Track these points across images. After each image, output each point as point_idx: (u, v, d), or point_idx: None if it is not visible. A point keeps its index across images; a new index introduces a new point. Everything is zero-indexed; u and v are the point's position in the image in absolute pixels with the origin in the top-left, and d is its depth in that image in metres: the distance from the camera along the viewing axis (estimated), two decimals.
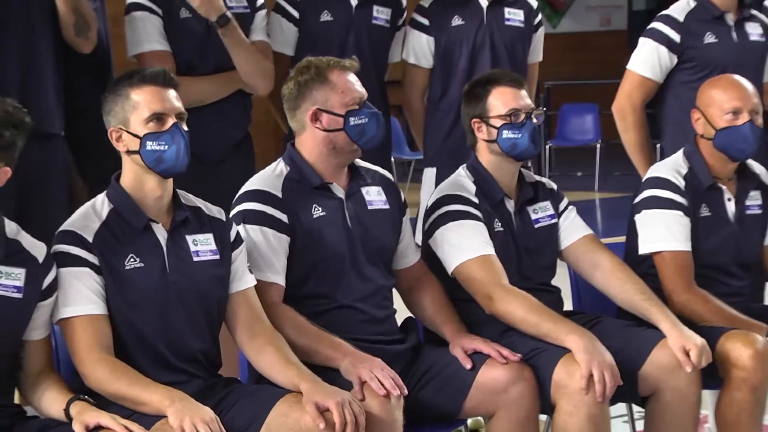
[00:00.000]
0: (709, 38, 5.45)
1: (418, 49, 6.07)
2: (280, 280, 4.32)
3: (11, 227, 3.90)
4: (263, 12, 5.73)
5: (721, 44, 5.44)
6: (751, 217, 5.01)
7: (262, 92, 5.53)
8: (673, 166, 4.99)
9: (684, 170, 4.95)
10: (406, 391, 4.07)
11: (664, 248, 4.86)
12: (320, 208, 4.42)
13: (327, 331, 4.25)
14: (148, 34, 5.50)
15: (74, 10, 5.01)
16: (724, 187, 4.97)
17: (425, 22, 6.05)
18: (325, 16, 5.88)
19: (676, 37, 5.48)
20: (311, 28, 5.87)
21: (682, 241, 4.86)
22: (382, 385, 4.01)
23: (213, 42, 5.49)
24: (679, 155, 5.03)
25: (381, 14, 5.96)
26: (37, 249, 3.94)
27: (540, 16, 6.21)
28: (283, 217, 4.34)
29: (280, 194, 4.38)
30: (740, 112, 4.84)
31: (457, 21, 6.01)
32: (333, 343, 4.22)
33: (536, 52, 6.22)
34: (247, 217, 4.30)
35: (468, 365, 4.35)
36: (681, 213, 4.87)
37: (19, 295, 3.85)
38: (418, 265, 4.66)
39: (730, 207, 4.97)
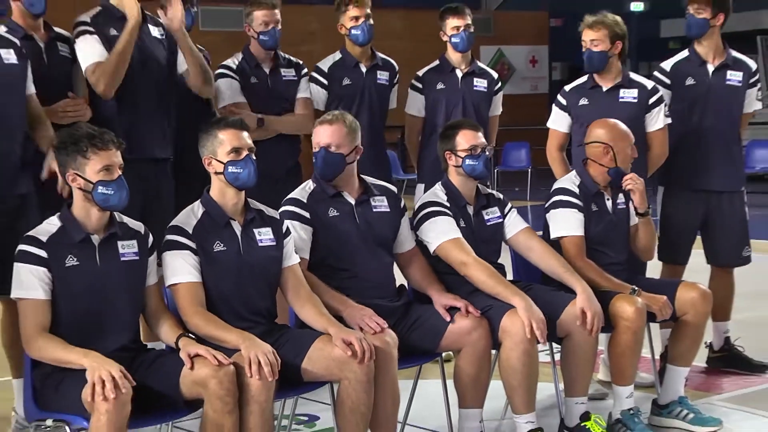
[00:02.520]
0: (582, 101, 5.41)
1: (416, 104, 6.08)
2: (305, 255, 4.30)
3: (118, 214, 3.90)
4: (306, 78, 5.73)
5: (590, 105, 5.38)
6: (621, 210, 4.99)
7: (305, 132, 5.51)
8: (569, 179, 4.98)
9: (577, 182, 4.94)
10: (386, 324, 4.11)
11: (566, 234, 4.85)
12: (334, 210, 4.39)
13: (337, 291, 4.26)
14: (231, 92, 5.52)
15: (201, 66, 5.08)
16: (605, 192, 4.96)
17: (420, 86, 6.07)
18: (346, 81, 5.85)
19: (563, 101, 5.47)
20: (336, 91, 5.84)
21: (577, 229, 4.84)
22: (371, 327, 4.06)
23: (272, 97, 5.56)
24: (572, 173, 5.04)
25: (383, 75, 5.94)
26: (138, 225, 3.96)
27: (499, 84, 6.20)
28: (306, 215, 4.34)
29: (305, 200, 4.38)
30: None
31: (440, 86, 6.02)
32: (340, 299, 4.23)
33: (496, 108, 6.20)
34: (283, 215, 4.29)
35: (447, 318, 4.35)
36: (576, 210, 4.86)
37: (137, 258, 3.88)
38: (413, 250, 4.61)
39: (609, 205, 4.95)
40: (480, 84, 6.06)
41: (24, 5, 4.76)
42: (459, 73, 6.03)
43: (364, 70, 5.88)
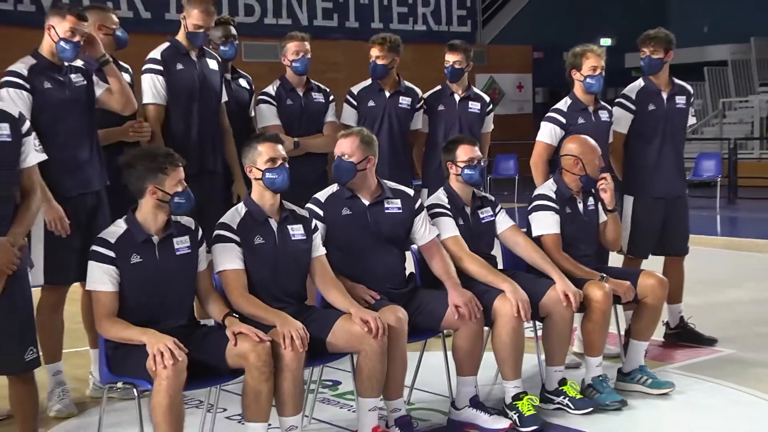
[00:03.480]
0: (580, 120, 5.38)
1: (422, 122, 6.03)
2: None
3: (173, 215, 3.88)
4: (333, 103, 5.70)
5: (586, 124, 5.35)
6: (590, 212, 4.95)
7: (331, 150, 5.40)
8: (548, 186, 4.94)
9: (554, 188, 4.90)
10: (377, 296, 4.15)
11: (544, 232, 4.82)
12: (348, 210, 4.33)
13: (351, 279, 4.21)
14: (271, 116, 5.50)
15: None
16: (577, 197, 4.93)
17: (424, 107, 6.02)
18: (371, 103, 5.82)
19: (562, 120, 5.39)
20: (363, 111, 5.81)
21: (553, 228, 4.81)
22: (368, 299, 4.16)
23: (303, 119, 5.52)
24: (550, 180, 4.99)
25: (404, 100, 5.88)
26: (189, 221, 3.93)
27: (491, 106, 6.15)
28: (320, 213, 4.29)
29: (323, 200, 4.34)
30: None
31: (441, 107, 5.97)
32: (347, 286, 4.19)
33: (488, 126, 6.14)
34: (305, 210, 4.25)
35: (456, 317, 4.24)
36: (553, 212, 4.83)
37: (189, 251, 3.86)
38: (430, 243, 4.45)
39: (581, 207, 4.92)
40: (474, 106, 6.02)
41: (113, 38, 4.84)
42: (457, 97, 5.99)
43: (387, 94, 5.86)
